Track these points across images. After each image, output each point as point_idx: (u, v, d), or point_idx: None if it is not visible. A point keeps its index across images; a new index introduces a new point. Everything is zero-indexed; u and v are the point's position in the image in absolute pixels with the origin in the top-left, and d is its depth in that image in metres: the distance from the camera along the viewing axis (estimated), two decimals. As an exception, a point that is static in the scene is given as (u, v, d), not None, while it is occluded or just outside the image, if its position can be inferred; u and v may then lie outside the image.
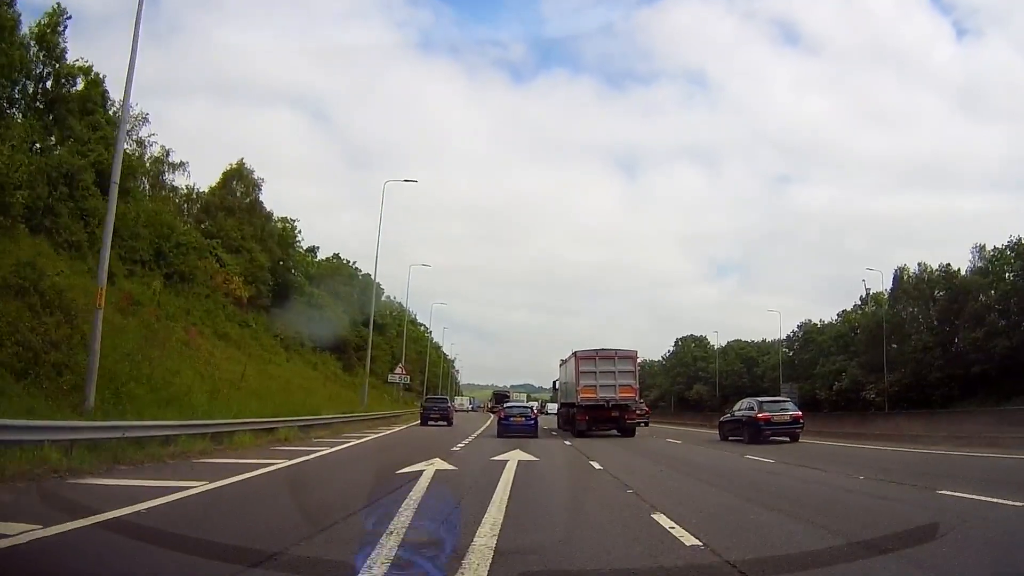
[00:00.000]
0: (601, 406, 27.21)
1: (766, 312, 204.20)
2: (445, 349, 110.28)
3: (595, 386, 27.25)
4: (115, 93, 29.19)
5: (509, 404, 33.45)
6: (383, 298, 74.49)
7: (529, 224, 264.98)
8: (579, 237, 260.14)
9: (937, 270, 52.04)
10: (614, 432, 28.17)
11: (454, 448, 18.78)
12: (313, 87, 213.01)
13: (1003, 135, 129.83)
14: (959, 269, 50.39)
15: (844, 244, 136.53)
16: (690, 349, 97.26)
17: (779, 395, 69.38)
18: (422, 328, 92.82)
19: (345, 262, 66.62)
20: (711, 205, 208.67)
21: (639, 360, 31.54)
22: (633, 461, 17.06)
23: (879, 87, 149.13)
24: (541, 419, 34.76)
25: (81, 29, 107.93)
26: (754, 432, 25.49)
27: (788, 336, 73.25)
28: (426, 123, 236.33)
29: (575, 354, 28.61)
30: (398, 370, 55.65)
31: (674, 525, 7.07)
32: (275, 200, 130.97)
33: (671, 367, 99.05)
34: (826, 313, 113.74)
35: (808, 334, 69.98)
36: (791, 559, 5.76)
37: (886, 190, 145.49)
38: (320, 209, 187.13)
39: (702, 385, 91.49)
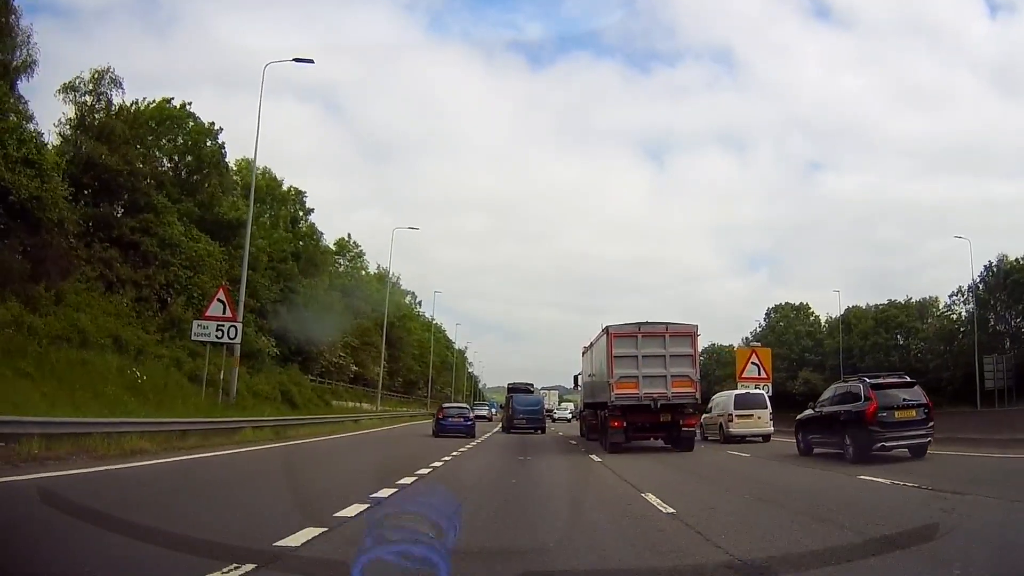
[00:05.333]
0: (646, 407, 19.12)
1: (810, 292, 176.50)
2: (454, 337, 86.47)
3: (636, 377, 19.31)
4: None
5: (447, 404, 30.17)
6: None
7: (554, 217, 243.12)
8: (607, 231, 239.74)
9: None
10: (657, 444, 20.69)
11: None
12: (322, 76, 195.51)
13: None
14: None
15: (875, 234, 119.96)
16: (790, 323, 69.75)
17: (977, 372, 42.01)
18: (414, 308, 68.39)
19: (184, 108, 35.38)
20: (741, 194, 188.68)
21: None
22: None
23: (912, 65, 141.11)
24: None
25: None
26: None
27: (967, 287, 45.65)
28: (441, 112, 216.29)
29: (607, 331, 19.97)
30: (216, 304, 23.35)
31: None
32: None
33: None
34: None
35: (1017, 273, 42.10)
36: None
37: (918, 175, 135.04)
38: (334, 205, 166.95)
39: (812, 371, 64.42)
